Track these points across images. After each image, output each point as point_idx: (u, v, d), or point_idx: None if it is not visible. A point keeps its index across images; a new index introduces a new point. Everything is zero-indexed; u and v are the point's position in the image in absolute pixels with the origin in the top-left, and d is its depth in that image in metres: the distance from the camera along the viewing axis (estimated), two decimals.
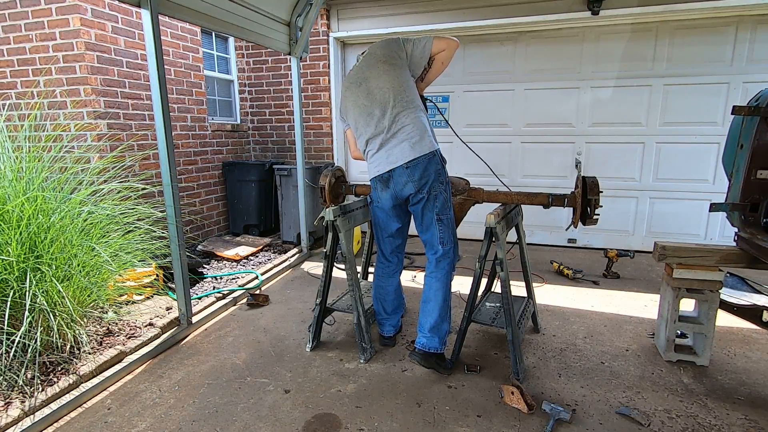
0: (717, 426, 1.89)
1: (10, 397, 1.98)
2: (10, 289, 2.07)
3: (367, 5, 4.77)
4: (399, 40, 2.25)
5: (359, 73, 2.28)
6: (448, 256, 2.28)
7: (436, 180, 2.18)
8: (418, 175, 2.15)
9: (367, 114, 2.23)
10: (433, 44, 2.22)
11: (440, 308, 2.26)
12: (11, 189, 2.24)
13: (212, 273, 3.88)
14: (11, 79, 3.81)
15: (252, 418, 1.97)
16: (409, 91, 2.20)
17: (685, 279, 2.30)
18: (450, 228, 2.27)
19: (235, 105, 5.49)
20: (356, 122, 2.31)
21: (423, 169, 2.14)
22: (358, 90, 2.27)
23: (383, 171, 2.21)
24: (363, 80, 2.25)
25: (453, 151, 5.03)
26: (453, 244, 2.28)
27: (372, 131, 2.23)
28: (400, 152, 2.16)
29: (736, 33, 3.97)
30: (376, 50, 2.27)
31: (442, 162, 2.22)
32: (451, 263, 2.31)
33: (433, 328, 2.27)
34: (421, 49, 2.22)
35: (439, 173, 2.18)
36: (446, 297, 2.29)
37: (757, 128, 1.98)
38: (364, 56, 2.32)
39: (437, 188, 2.19)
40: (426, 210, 2.23)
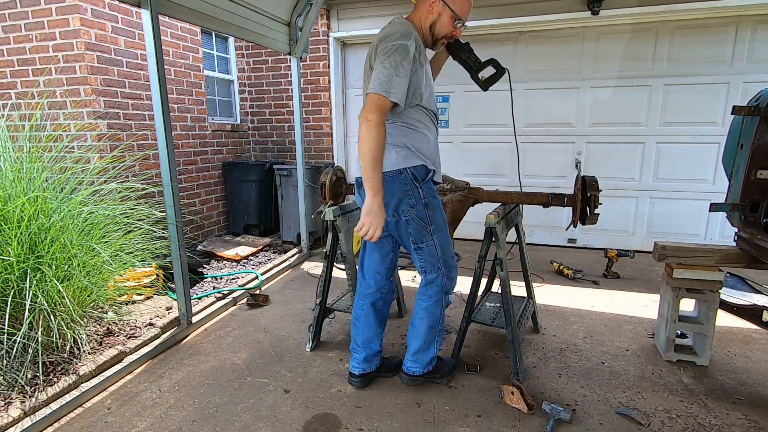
0: (717, 426, 1.89)
1: (11, 397, 1.99)
2: (10, 289, 2.07)
3: (367, 5, 4.77)
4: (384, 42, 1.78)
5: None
6: (435, 284, 2.04)
7: (402, 202, 1.88)
8: (386, 191, 1.86)
9: None
10: (368, 94, 1.74)
11: (424, 336, 2.10)
12: (12, 189, 2.24)
13: (212, 273, 3.88)
14: (11, 79, 3.81)
15: (252, 418, 1.97)
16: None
17: (685, 279, 2.30)
18: (432, 256, 1.99)
19: (235, 105, 5.49)
20: None
21: (387, 188, 1.83)
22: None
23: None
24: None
25: (453, 151, 5.04)
26: (439, 273, 2.02)
27: None
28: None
29: (736, 33, 3.96)
30: (377, 37, 1.86)
31: (413, 181, 1.88)
32: (440, 291, 2.06)
33: (416, 352, 2.14)
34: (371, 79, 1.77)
35: (406, 194, 1.87)
36: (433, 324, 2.09)
37: (757, 128, 1.98)
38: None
39: (407, 212, 1.90)
40: (401, 235, 1.98)
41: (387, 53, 1.72)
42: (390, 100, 1.71)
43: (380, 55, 1.74)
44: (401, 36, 1.74)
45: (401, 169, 1.87)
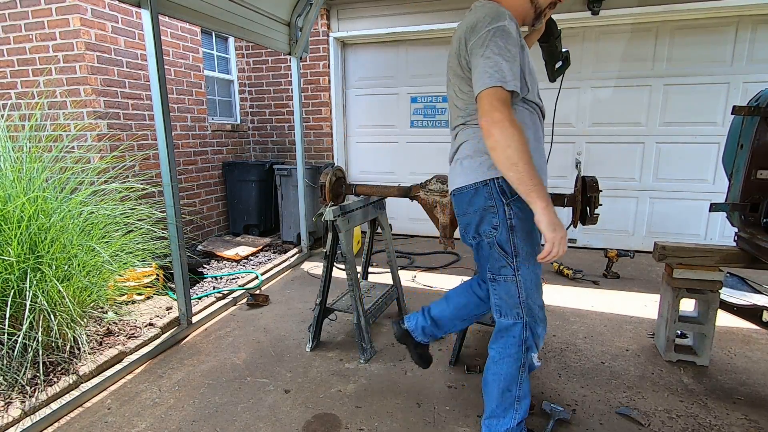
0: (717, 426, 1.89)
1: (11, 397, 1.99)
2: (10, 289, 2.07)
3: (367, 5, 4.77)
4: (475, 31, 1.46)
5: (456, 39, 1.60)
6: (510, 334, 1.61)
7: (484, 221, 1.56)
8: (461, 210, 1.63)
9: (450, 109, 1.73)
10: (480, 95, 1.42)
11: (497, 399, 1.66)
12: (12, 189, 2.24)
13: (212, 273, 3.88)
14: (11, 79, 3.81)
15: (252, 418, 1.97)
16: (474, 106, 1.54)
17: (685, 279, 2.30)
18: (510, 295, 1.57)
19: (235, 105, 5.49)
20: None
21: (467, 203, 1.58)
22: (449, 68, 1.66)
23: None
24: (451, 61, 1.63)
25: None
26: (517, 320, 1.59)
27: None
28: (451, 175, 1.67)
29: (736, 33, 3.96)
30: (456, 33, 1.58)
31: (500, 196, 1.52)
32: (517, 345, 1.60)
33: (489, 417, 1.70)
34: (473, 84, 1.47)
35: (489, 211, 1.54)
36: (507, 386, 1.63)
37: (757, 128, 1.98)
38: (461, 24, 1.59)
39: (488, 234, 1.56)
40: (480, 259, 1.67)
41: (484, 42, 1.41)
42: (507, 90, 1.39)
43: (476, 47, 1.44)
44: (494, 18, 1.43)
45: (486, 180, 1.53)
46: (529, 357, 1.62)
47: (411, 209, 5.06)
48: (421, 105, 5.04)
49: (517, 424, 1.65)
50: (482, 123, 1.40)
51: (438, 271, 4.03)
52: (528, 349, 1.61)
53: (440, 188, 2.35)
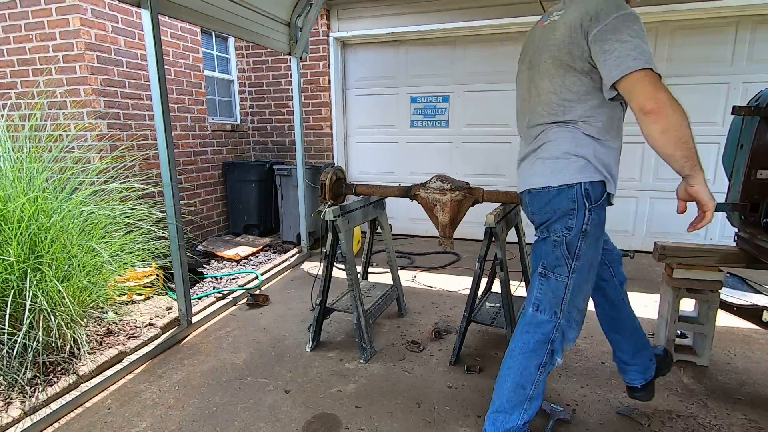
0: (717, 426, 1.89)
1: (10, 397, 1.99)
2: (10, 289, 2.07)
3: (367, 5, 4.77)
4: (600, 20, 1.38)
5: (533, 47, 1.61)
6: (541, 330, 1.56)
7: (559, 221, 1.54)
8: (536, 209, 1.61)
9: (523, 111, 1.71)
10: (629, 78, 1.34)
11: (507, 394, 1.60)
12: (12, 189, 2.24)
13: (212, 273, 3.88)
14: (11, 79, 3.81)
15: (252, 418, 1.97)
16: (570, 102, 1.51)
17: (685, 279, 2.30)
18: (556, 295, 1.55)
19: (235, 105, 5.49)
20: (517, 114, 1.78)
21: (545, 203, 1.56)
22: (524, 73, 1.66)
23: (520, 189, 1.70)
24: (532, 65, 1.60)
25: (453, 151, 5.04)
26: (554, 319, 1.55)
27: (521, 135, 1.75)
28: (526, 172, 1.64)
29: (736, 33, 3.96)
30: (558, 26, 1.50)
31: (584, 200, 1.50)
32: (543, 342, 1.56)
33: (497, 411, 1.62)
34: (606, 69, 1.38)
35: (569, 213, 1.51)
36: (522, 383, 1.58)
37: (757, 128, 1.98)
38: (547, 23, 1.57)
39: (559, 233, 1.54)
40: (538, 252, 1.64)
41: (616, 27, 1.35)
42: (656, 73, 1.33)
43: (607, 33, 1.36)
44: (618, 6, 1.38)
45: (573, 183, 1.49)
46: (553, 359, 1.57)
47: (411, 209, 5.06)
48: (421, 105, 5.04)
49: (523, 424, 1.59)
50: (648, 106, 1.32)
51: (438, 271, 4.03)
52: (553, 351, 1.57)
53: (440, 187, 2.35)
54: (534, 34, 1.65)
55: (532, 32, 1.68)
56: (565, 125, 1.52)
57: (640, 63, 1.32)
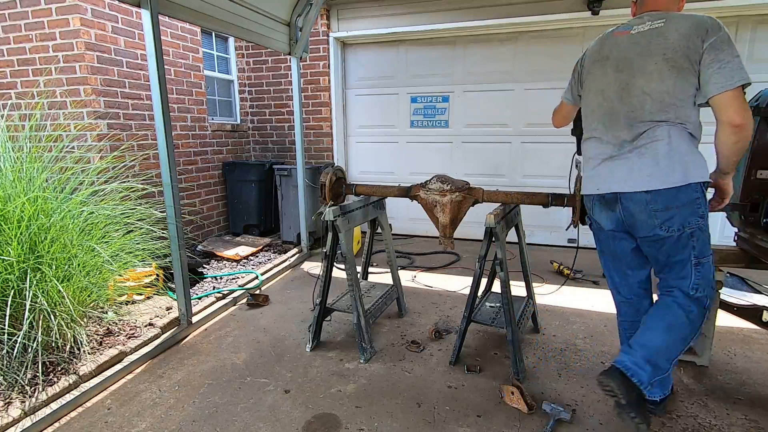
0: (717, 426, 1.89)
1: (11, 397, 1.99)
2: (10, 289, 2.07)
3: (367, 5, 4.77)
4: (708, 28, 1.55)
5: (623, 52, 1.70)
6: (701, 305, 1.69)
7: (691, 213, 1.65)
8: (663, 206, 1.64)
9: (609, 113, 1.75)
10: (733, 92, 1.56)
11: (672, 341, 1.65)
12: (12, 189, 2.24)
13: (212, 273, 3.88)
14: (11, 79, 3.81)
15: (252, 418, 1.97)
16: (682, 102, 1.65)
17: None
18: (709, 273, 1.72)
19: (235, 105, 5.49)
20: (594, 115, 1.82)
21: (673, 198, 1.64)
22: (611, 76, 1.73)
23: (606, 191, 1.74)
24: (624, 67, 1.69)
25: (453, 151, 5.04)
26: (710, 294, 1.71)
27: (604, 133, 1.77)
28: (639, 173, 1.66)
29: (736, 33, 3.96)
30: (668, 32, 1.60)
31: (703, 191, 1.68)
32: (703, 317, 1.70)
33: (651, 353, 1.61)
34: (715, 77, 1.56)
35: (697, 203, 1.65)
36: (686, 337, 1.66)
37: (757, 128, 1.99)
38: (639, 32, 1.68)
39: (694, 222, 1.67)
40: (672, 250, 1.72)
41: (729, 42, 1.52)
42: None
43: (723, 44, 1.51)
44: (719, 24, 1.56)
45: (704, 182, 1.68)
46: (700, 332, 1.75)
47: (411, 209, 5.05)
48: (421, 105, 5.04)
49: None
50: (737, 120, 1.58)
51: (438, 271, 4.03)
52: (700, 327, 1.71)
53: (440, 188, 2.35)
54: (616, 41, 1.74)
55: (610, 39, 1.78)
56: (674, 125, 1.65)
57: (742, 80, 1.52)
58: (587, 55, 1.87)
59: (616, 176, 1.70)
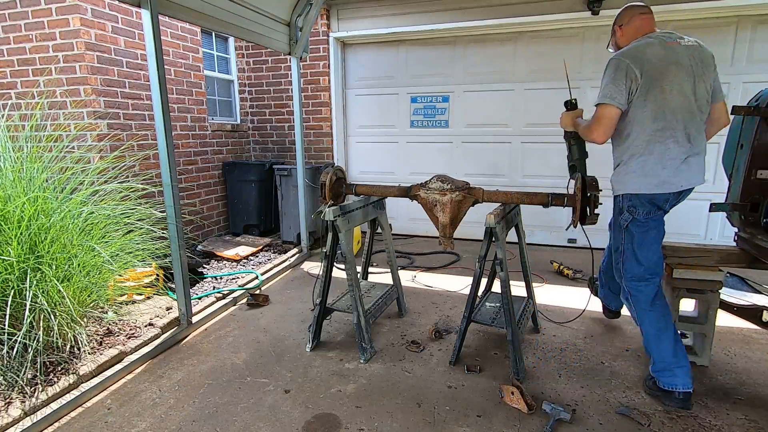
0: (717, 426, 1.89)
1: (11, 396, 1.99)
2: (10, 289, 2.07)
3: (367, 5, 4.77)
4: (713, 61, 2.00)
5: (687, 59, 1.93)
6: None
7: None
8: (684, 198, 2.09)
9: (689, 111, 1.93)
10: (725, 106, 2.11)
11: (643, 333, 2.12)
12: (12, 189, 2.24)
13: (212, 273, 3.88)
14: (11, 79, 3.81)
15: (252, 418, 1.97)
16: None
17: (685, 279, 2.30)
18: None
19: (235, 105, 5.49)
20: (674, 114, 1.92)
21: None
22: (687, 79, 1.92)
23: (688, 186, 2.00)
24: (694, 73, 1.93)
25: (453, 151, 5.04)
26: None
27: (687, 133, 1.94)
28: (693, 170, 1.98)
29: (736, 33, 3.96)
30: (706, 57, 1.99)
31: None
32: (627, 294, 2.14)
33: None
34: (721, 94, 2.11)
35: None
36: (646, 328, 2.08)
37: (757, 128, 1.99)
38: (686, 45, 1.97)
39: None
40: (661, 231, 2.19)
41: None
42: None
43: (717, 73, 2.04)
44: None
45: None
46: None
47: (411, 209, 5.05)
48: (421, 105, 5.04)
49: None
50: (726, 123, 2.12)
51: (438, 271, 4.03)
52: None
53: (440, 188, 2.35)
54: (675, 49, 1.95)
55: (669, 47, 1.95)
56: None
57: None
58: (649, 60, 1.92)
59: (693, 171, 1.98)
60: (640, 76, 1.90)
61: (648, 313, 2.05)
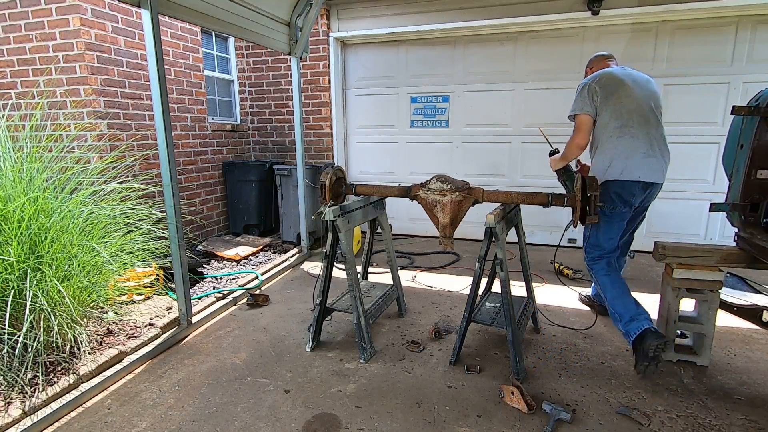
0: (717, 426, 1.89)
1: (11, 396, 1.99)
2: (10, 289, 2.07)
3: (367, 5, 4.77)
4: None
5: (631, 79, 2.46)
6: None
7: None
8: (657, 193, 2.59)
9: (642, 115, 2.41)
10: None
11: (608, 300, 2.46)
12: (12, 189, 2.24)
13: (212, 273, 3.88)
14: (11, 79, 3.81)
15: (252, 418, 1.97)
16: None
17: (685, 279, 2.30)
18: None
19: (235, 105, 5.49)
20: (630, 114, 2.40)
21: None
22: (640, 91, 2.44)
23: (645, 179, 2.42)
24: (642, 88, 2.46)
25: (453, 151, 5.04)
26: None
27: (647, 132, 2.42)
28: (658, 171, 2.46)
29: (736, 33, 3.96)
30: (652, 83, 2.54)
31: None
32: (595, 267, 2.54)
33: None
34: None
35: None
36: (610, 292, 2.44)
37: (757, 128, 1.98)
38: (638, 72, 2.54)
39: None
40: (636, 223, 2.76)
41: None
42: None
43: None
44: None
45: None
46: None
47: (411, 209, 5.06)
48: (421, 105, 5.04)
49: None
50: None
51: (438, 271, 4.03)
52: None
53: (440, 188, 2.34)
54: (627, 70, 2.54)
55: (623, 70, 2.54)
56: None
57: None
58: (607, 78, 2.46)
59: (654, 169, 2.42)
60: (600, 89, 2.42)
61: (607, 277, 2.46)
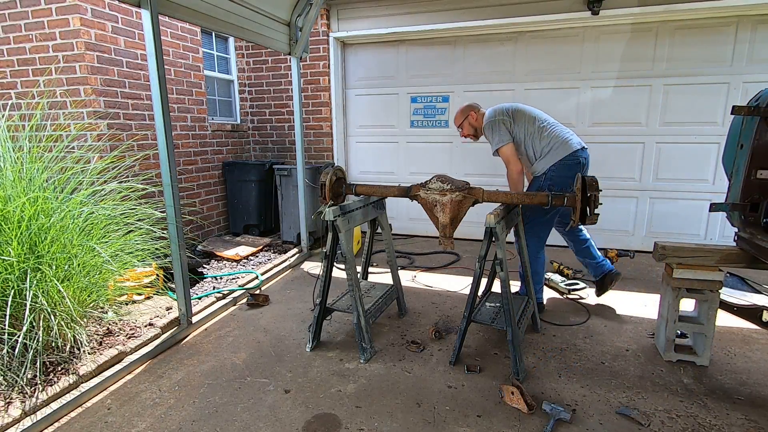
0: (717, 426, 1.89)
1: (11, 396, 1.99)
2: (10, 289, 2.07)
3: (367, 5, 4.77)
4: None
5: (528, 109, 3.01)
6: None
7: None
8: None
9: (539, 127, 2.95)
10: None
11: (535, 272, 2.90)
12: (12, 189, 2.24)
13: (212, 273, 3.88)
14: (11, 79, 3.81)
15: (252, 418, 1.97)
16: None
17: (685, 279, 2.30)
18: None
19: (235, 105, 5.49)
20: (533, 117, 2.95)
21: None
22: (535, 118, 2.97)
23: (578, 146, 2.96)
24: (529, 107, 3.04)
25: (453, 151, 5.04)
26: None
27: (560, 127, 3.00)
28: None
29: (736, 33, 3.96)
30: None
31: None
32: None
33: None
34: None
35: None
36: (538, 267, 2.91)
37: (757, 128, 1.98)
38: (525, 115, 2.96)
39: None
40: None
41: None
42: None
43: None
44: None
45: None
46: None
47: (411, 209, 5.06)
48: (421, 105, 5.04)
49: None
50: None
51: (438, 271, 4.03)
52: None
53: (440, 188, 2.35)
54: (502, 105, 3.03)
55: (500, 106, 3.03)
56: None
57: None
58: (506, 108, 2.96)
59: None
60: (508, 116, 2.90)
61: (539, 259, 2.91)
